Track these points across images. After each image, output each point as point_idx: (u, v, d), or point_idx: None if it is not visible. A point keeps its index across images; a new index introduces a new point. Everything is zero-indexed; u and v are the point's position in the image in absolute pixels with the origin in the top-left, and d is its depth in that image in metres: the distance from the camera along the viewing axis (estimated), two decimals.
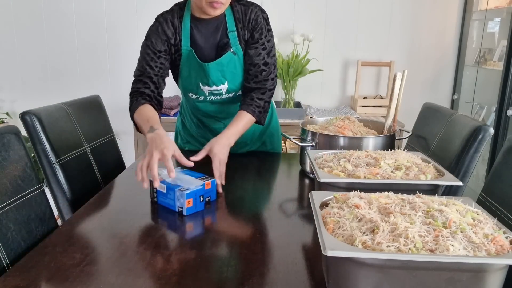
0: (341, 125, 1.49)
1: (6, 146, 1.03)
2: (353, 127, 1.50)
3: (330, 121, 1.57)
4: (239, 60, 1.46)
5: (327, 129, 1.49)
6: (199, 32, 1.43)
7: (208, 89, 1.48)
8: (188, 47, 1.43)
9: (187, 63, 1.45)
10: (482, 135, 1.31)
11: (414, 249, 0.66)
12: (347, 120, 1.54)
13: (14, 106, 3.11)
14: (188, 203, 1.09)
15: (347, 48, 3.01)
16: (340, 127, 1.47)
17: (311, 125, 1.57)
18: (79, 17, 2.97)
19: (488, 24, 2.72)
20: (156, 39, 1.41)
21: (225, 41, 1.43)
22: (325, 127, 1.53)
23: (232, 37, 1.43)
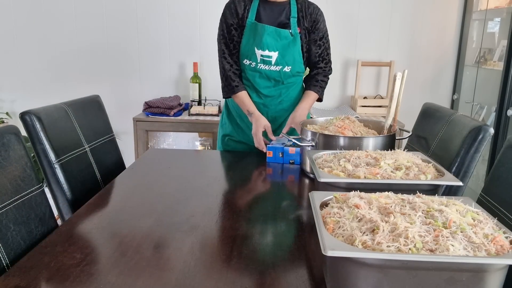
0: (341, 125, 1.49)
1: (6, 146, 1.03)
2: (353, 127, 1.50)
3: (330, 121, 1.57)
4: (293, 41, 1.69)
5: (327, 129, 1.49)
6: (265, 11, 1.69)
7: (261, 53, 1.69)
8: (253, 20, 1.68)
9: (248, 32, 1.70)
10: (482, 135, 1.31)
11: (414, 249, 0.66)
12: (347, 120, 1.54)
13: (14, 106, 3.11)
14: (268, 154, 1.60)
15: (347, 48, 3.01)
16: (340, 127, 1.47)
17: (311, 125, 1.57)
18: (79, 17, 2.97)
19: (488, 24, 2.72)
20: (229, 14, 1.70)
21: (286, 22, 1.69)
22: (325, 127, 1.53)
23: (293, 22, 1.69)
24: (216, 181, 1.43)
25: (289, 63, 1.72)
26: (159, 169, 1.59)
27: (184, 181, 1.38)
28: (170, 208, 1.16)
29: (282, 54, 1.69)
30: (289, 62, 1.72)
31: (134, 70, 3.03)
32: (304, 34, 1.72)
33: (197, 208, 1.16)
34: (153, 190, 1.31)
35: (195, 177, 1.44)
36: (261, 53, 1.69)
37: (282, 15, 1.69)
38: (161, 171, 1.52)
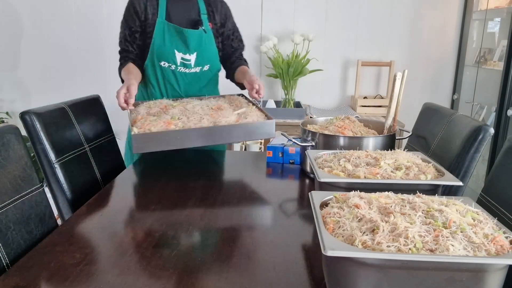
0: (341, 125, 1.49)
1: (6, 145, 1.03)
2: (353, 127, 1.50)
3: (330, 121, 1.57)
4: (207, 38, 1.69)
5: (327, 129, 1.49)
6: (174, 9, 1.66)
7: (182, 56, 1.67)
8: (164, 19, 1.64)
9: (161, 33, 1.65)
10: (482, 135, 1.31)
11: (414, 249, 0.66)
12: (347, 120, 1.54)
13: (14, 106, 3.11)
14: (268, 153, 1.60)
15: (347, 48, 3.01)
16: (340, 127, 1.47)
17: (311, 125, 1.57)
18: (79, 17, 2.96)
19: (488, 24, 2.72)
20: (129, 16, 1.66)
21: (198, 19, 1.68)
22: (325, 127, 1.53)
23: (204, 18, 1.69)
24: (216, 181, 1.43)
25: (207, 61, 1.73)
26: (159, 168, 1.59)
27: (184, 180, 1.38)
28: (170, 208, 1.16)
29: (200, 54, 1.69)
30: (207, 60, 1.73)
31: None
32: (216, 29, 1.74)
33: (197, 207, 1.16)
34: (153, 190, 1.31)
35: (195, 176, 1.44)
36: (182, 56, 1.68)
37: (192, 12, 1.69)
38: (161, 170, 1.52)
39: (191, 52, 1.67)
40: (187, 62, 1.69)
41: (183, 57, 1.68)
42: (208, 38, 1.70)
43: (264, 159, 1.62)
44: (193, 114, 1.40)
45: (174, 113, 1.40)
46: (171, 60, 1.68)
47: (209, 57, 1.73)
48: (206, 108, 1.47)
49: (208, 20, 1.70)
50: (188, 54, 1.67)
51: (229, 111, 1.44)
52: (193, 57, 1.69)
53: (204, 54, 1.71)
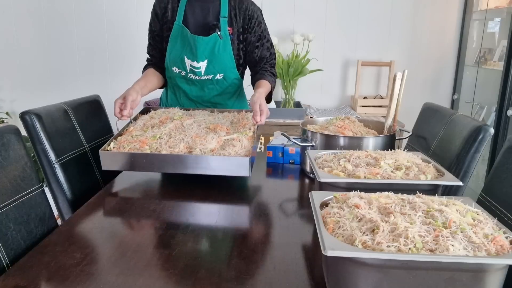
0: (341, 125, 1.49)
1: (6, 145, 1.03)
2: (353, 127, 1.50)
3: (330, 121, 1.57)
4: (223, 45, 1.57)
5: (327, 129, 1.49)
6: (193, 10, 1.57)
7: (190, 63, 1.59)
8: (180, 23, 1.56)
9: (176, 36, 1.59)
10: (482, 135, 1.31)
11: (414, 249, 0.66)
12: (347, 120, 1.54)
13: (14, 106, 3.11)
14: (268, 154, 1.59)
15: (347, 48, 3.01)
16: (340, 127, 1.47)
17: (311, 125, 1.57)
18: (79, 17, 2.96)
19: (488, 24, 2.72)
20: (152, 20, 1.63)
21: (215, 23, 1.56)
22: (325, 127, 1.53)
23: (223, 22, 1.55)
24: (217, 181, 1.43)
25: (220, 70, 1.61)
26: None
27: (184, 180, 1.38)
28: (170, 207, 1.16)
29: (211, 62, 1.59)
30: (220, 68, 1.61)
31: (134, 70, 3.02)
32: (237, 35, 1.59)
33: (197, 207, 1.16)
34: (153, 190, 1.31)
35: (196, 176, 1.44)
36: (191, 63, 1.60)
37: (210, 15, 1.56)
38: None
39: (200, 60, 1.57)
40: (197, 70, 1.60)
41: (191, 64, 1.59)
42: (223, 44, 1.56)
43: (264, 159, 1.62)
44: (180, 133, 1.35)
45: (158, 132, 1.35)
46: (181, 66, 1.61)
47: (222, 66, 1.60)
48: (202, 127, 1.40)
49: (227, 24, 1.56)
50: (196, 61, 1.58)
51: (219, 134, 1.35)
52: (203, 64, 1.58)
53: (216, 62, 1.59)
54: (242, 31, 1.59)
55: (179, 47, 1.59)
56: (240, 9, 1.56)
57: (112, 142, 1.33)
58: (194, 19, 1.57)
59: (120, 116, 1.37)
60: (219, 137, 1.32)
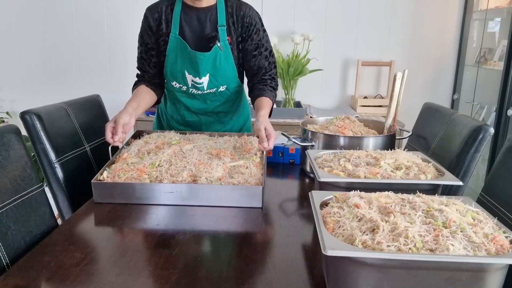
0: (341, 125, 1.49)
1: (6, 145, 1.03)
2: (353, 127, 1.50)
3: (330, 121, 1.57)
4: (224, 54, 1.49)
5: (327, 129, 1.49)
6: (189, 20, 1.47)
7: (192, 78, 1.52)
8: (176, 34, 1.47)
9: (174, 50, 1.49)
10: (482, 135, 1.31)
11: (414, 248, 0.66)
12: (347, 120, 1.54)
13: (14, 106, 3.11)
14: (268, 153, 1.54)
15: (347, 48, 3.01)
16: (340, 126, 1.47)
17: (311, 125, 1.57)
18: (79, 17, 2.96)
19: (489, 24, 2.71)
20: (144, 32, 1.52)
21: (214, 34, 1.47)
22: (325, 127, 1.53)
23: (221, 32, 1.46)
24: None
25: (223, 82, 1.55)
26: None
27: None
28: (171, 208, 1.16)
29: (213, 75, 1.51)
30: (223, 81, 1.54)
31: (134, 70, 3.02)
32: (236, 44, 1.50)
33: (197, 207, 1.16)
34: None
35: None
36: (192, 79, 1.52)
37: (208, 25, 1.46)
38: None
39: (202, 75, 1.51)
40: (199, 85, 1.53)
41: (193, 80, 1.52)
42: (224, 55, 1.49)
43: None
44: (181, 160, 1.24)
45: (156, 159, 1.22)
46: (182, 81, 1.55)
47: (225, 78, 1.54)
48: (203, 152, 1.30)
49: (226, 33, 1.47)
50: (198, 77, 1.51)
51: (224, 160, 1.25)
52: (205, 79, 1.51)
53: (219, 75, 1.52)
54: (240, 39, 1.50)
55: (179, 61, 1.50)
56: (238, 16, 1.47)
57: (106, 170, 1.21)
58: (191, 30, 1.47)
59: (112, 142, 1.26)
60: (224, 164, 1.22)
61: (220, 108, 1.64)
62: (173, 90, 1.61)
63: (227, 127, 1.70)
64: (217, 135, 1.49)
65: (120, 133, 1.27)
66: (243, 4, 1.49)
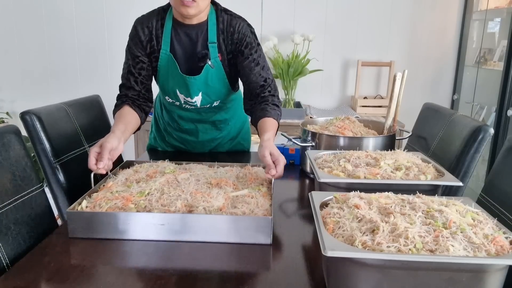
0: (341, 125, 1.49)
1: (6, 146, 1.03)
2: (353, 127, 1.50)
3: (330, 121, 1.57)
4: (215, 72, 1.42)
5: (327, 129, 1.49)
6: (180, 38, 1.40)
7: (184, 97, 1.49)
8: (168, 52, 1.40)
9: (165, 68, 1.43)
10: (482, 135, 1.31)
11: (414, 249, 0.66)
12: (347, 120, 1.54)
13: (14, 106, 3.11)
14: None
15: (347, 48, 3.01)
16: (340, 127, 1.47)
17: (311, 125, 1.57)
18: (79, 17, 2.96)
19: (488, 24, 2.71)
20: (133, 44, 1.42)
21: (204, 53, 1.40)
22: (325, 127, 1.53)
23: (212, 49, 1.40)
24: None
25: (216, 98, 1.51)
26: None
27: None
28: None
29: (206, 93, 1.47)
30: (216, 97, 1.50)
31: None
32: (227, 60, 1.43)
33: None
34: None
35: None
36: (184, 98, 1.48)
37: (199, 43, 1.40)
38: None
39: (194, 95, 1.46)
40: (192, 103, 1.50)
41: (185, 99, 1.49)
42: (216, 73, 1.43)
43: None
44: (175, 188, 1.07)
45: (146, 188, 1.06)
46: (174, 98, 1.51)
47: (218, 94, 1.50)
48: (201, 182, 1.14)
49: (217, 50, 1.41)
50: (190, 98, 1.47)
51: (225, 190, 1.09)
52: (198, 98, 1.47)
53: (212, 93, 1.48)
54: (231, 56, 1.43)
55: (170, 81, 1.45)
56: (228, 32, 1.39)
57: (85, 199, 1.04)
58: (182, 48, 1.41)
59: (95, 169, 1.10)
60: (226, 193, 1.06)
61: (215, 117, 1.63)
62: (167, 103, 1.60)
63: (224, 133, 1.68)
64: (217, 165, 1.30)
65: (106, 159, 1.11)
66: (234, 19, 1.41)
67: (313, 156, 1.22)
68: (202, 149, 1.70)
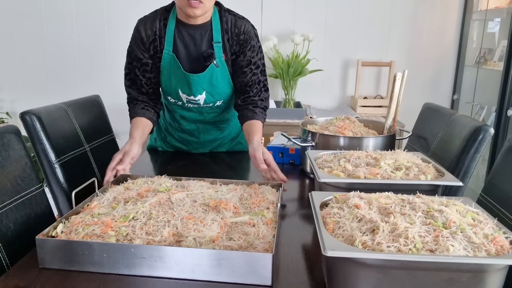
0: (341, 125, 1.49)
1: (6, 146, 1.03)
2: (353, 127, 1.50)
3: (330, 121, 1.57)
4: (220, 72, 1.43)
5: (327, 129, 1.49)
6: (183, 38, 1.40)
7: (186, 97, 1.48)
8: (170, 52, 1.40)
9: (168, 68, 1.43)
10: (482, 135, 1.31)
11: (414, 249, 0.66)
12: (347, 120, 1.54)
13: (14, 106, 3.11)
14: None
15: (347, 48, 3.01)
16: (340, 127, 1.47)
17: (311, 125, 1.57)
18: (79, 17, 2.96)
19: (488, 24, 2.72)
20: (135, 46, 1.42)
21: (210, 52, 1.40)
22: (325, 127, 1.53)
23: (217, 49, 1.40)
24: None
25: (220, 98, 1.51)
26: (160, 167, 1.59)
27: None
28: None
29: (210, 92, 1.47)
30: (220, 96, 1.50)
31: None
32: (230, 60, 1.44)
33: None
34: None
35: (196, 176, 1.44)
36: (187, 97, 1.48)
37: (204, 43, 1.40)
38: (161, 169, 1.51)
39: (198, 94, 1.46)
40: (195, 102, 1.50)
41: (188, 98, 1.49)
42: (221, 72, 1.43)
43: None
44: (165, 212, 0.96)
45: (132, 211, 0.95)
46: (176, 98, 1.51)
47: (221, 94, 1.50)
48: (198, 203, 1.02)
49: (222, 49, 1.40)
50: (193, 96, 1.47)
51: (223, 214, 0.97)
52: (202, 97, 1.47)
53: (215, 92, 1.48)
54: (234, 57, 1.44)
55: (173, 80, 1.45)
56: (233, 33, 1.40)
57: (62, 223, 0.91)
58: (186, 49, 1.41)
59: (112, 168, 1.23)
60: (223, 219, 0.94)
61: (217, 118, 1.62)
62: (169, 103, 1.60)
63: (225, 133, 1.68)
64: (219, 183, 1.19)
65: (127, 163, 1.25)
66: (239, 19, 1.42)
67: (313, 156, 1.22)
68: (202, 149, 1.70)
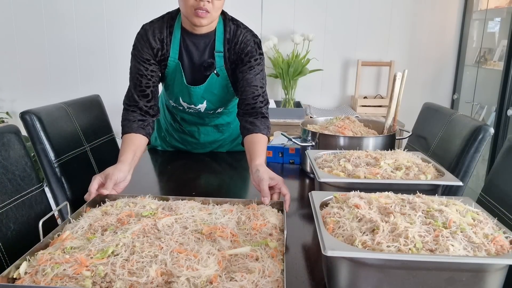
0: (341, 125, 1.49)
1: (6, 145, 1.03)
2: (353, 127, 1.50)
3: (330, 121, 1.57)
4: (220, 81, 1.42)
5: (327, 129, 1.49)
6: (187, 46, 1.39)
7: (187, 105, 1.49)
8: (176, 59, 1.39)
9: (172, 75, 1.42)
10: (482, 135, 1.31)
11: (414, 249, 0.66)
12: (347, 120, 1.54)
13: (14, 106, 3.11)
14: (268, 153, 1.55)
15: (347, 48, 3.01)
16: (340, 127, 1.47)
17: (311, 125, 1.57)
18: (79, 17, 2.96)
19: (488, 24, 2.72)
20: (142, 48, 1.37)
21: (211, 62, 1.39)
22: (325, 127, 1.53)
23: (218, 58, 1.39)
24: (216, 181, 1.43)
25: (221, 106, 1.53)
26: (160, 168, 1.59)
27: (184, 180, 1.38)
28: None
29: (210, 101, 1.48)
30: (220, 104, 1.52)
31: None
32: (230, 70, 1.42)
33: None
34: (152, 190, 1.31)
35: (195, 176, 1.44)
36: (187, 105, 1.50)
37: (207, 52, 1.39)
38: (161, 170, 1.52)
39: (198, 103, 1.48)
40: (196, 109, 1.51)
41: (188, 106, 1.50)
42: (220, 81, 1.43)
43: None
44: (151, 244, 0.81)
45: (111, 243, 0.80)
46: (177, 103, 1.52)
47: (222, 102, 1.51)
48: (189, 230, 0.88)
49: (223, 59, 1.40)
50: (194, 105, 1.49)
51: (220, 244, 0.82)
52: (202, 106, 1.49)
53: (216, 101, 1.49)
54: (234, 66, 1.41)
55: (175, 89, 1.45)
56: (233, 42, 1.38)
57: (25, 261, 0.76)
58: (190, 58, 1.40)
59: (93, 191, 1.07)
60: (220, 252, 0.79)
61: (217, 121, 1.63)
62: (170, 106, 1.60)
63: (226, 135, 1.69)
64: (212, 202, 1.04)
65: (110, 189, 1.07)
66: (239, 29, 1.39)
67: (313, 156, 1.22)
68: (202, 150, 1.70)
